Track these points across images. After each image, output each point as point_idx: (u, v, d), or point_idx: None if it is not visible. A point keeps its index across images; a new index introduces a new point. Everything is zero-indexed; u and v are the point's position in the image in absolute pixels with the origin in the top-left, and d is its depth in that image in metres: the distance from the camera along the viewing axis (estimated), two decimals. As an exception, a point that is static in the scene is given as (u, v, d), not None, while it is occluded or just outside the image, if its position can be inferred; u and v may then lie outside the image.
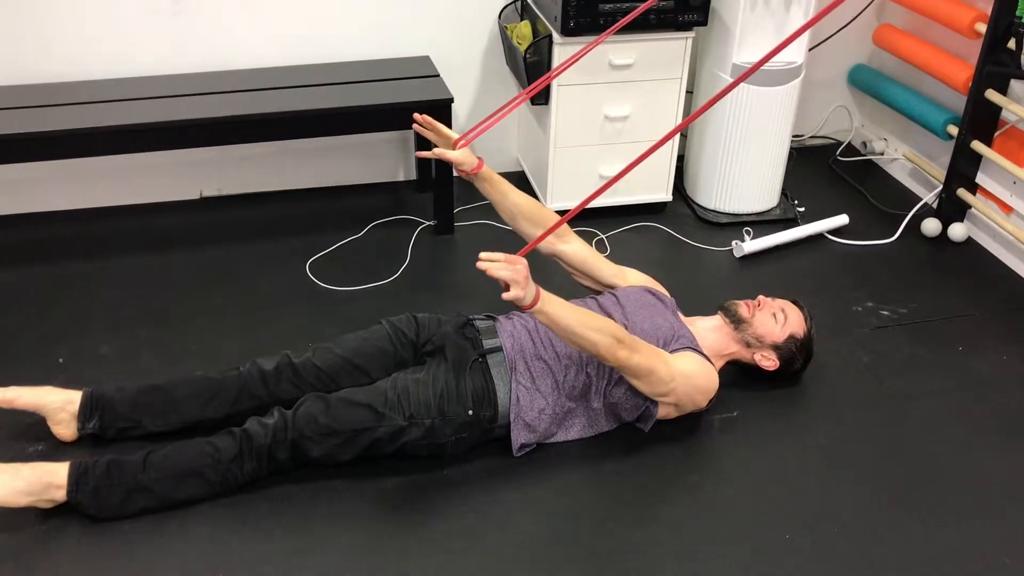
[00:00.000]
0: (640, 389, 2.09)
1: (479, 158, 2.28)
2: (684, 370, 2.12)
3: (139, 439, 2.14)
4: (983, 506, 2.09)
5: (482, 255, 1.81)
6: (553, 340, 2.16)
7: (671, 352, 2.15)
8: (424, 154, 2.27)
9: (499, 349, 2.16)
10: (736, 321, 2.32)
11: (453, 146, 2.25)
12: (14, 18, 2.83)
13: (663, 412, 2.19)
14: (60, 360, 2.45)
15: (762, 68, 2.94)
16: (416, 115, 2.27)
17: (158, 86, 2.90)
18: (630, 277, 2.43)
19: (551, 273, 2.49)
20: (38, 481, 1.91)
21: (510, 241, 3.04)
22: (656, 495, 2.09)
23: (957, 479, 2.17)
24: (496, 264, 1.79)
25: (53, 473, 1.93)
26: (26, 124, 2.64)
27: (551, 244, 2.38)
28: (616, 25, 2.20)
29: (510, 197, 2.34)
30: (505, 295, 1.80)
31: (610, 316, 2.21)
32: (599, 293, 2.41)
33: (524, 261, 1.83)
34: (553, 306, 1.90)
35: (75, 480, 1.93)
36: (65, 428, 2.13)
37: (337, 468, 2.09)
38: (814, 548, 1.98)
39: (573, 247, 2.40)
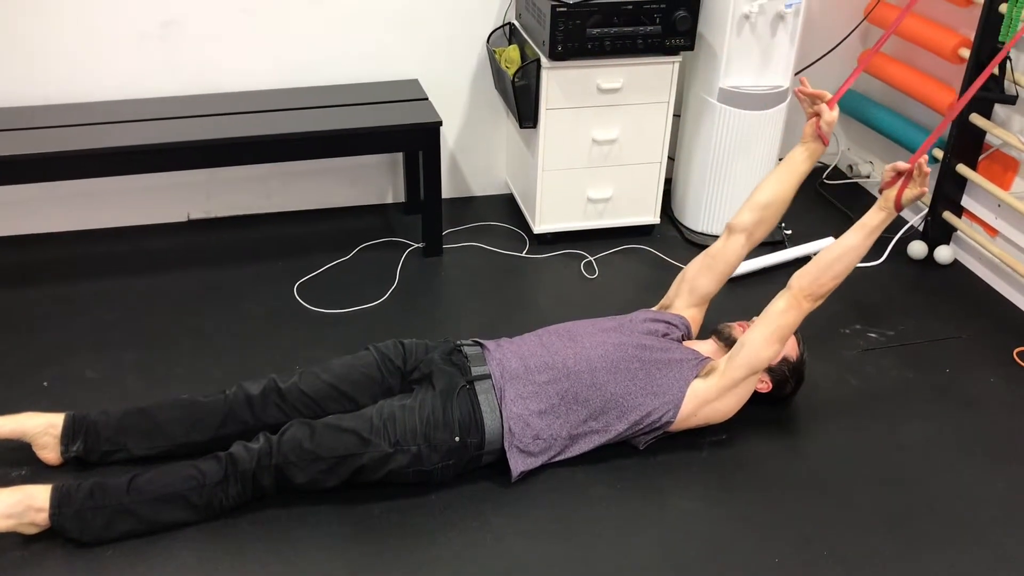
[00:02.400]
0: (755, 348, 2.16)
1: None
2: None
3: (124, 463, 2.12)
4: (972, 530, 2.09)
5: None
6: (549, 364, 2.16)
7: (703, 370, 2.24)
8: (808, 94, 2.30)
9: (487, 376, 2.15)
10: (730, 343, 2.32)
11: (830, 105, 2.29)
12: (1, 40, 2.82)
13: (688, 413, 2.19)
14: (45, 384, 2.43)
15: (748, 92, 2.98)
16: (803, 80, 2.32)
17: (146, 109, 2.90)
18: (699, 311, 2.47)
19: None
20: (18, 504, 1.89)
21: (499, 264, 3.04)
22: (646, 518, 2.08)
23: (946, 502, 2.16)
24: (924, 170, 2.06)
25: (33, 496, 1.91)
26: (13, 146, 2.63)
27: (746, 229, 2.38)
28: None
29: (797, 180, 2.37)
30: (911, 192, 2.11)
31: (608, 339, 2.21)
32: (605, 314, 2.41)
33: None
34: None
35: (57, 503, 1.91)
36: (50, 452, 2.11)
37: (323, 493, 2.07)
38: (804, 572, 1.97)
39: (742, 251, 2.42)
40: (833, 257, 2.15)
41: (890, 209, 2.13)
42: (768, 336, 2.15)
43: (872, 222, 2.14)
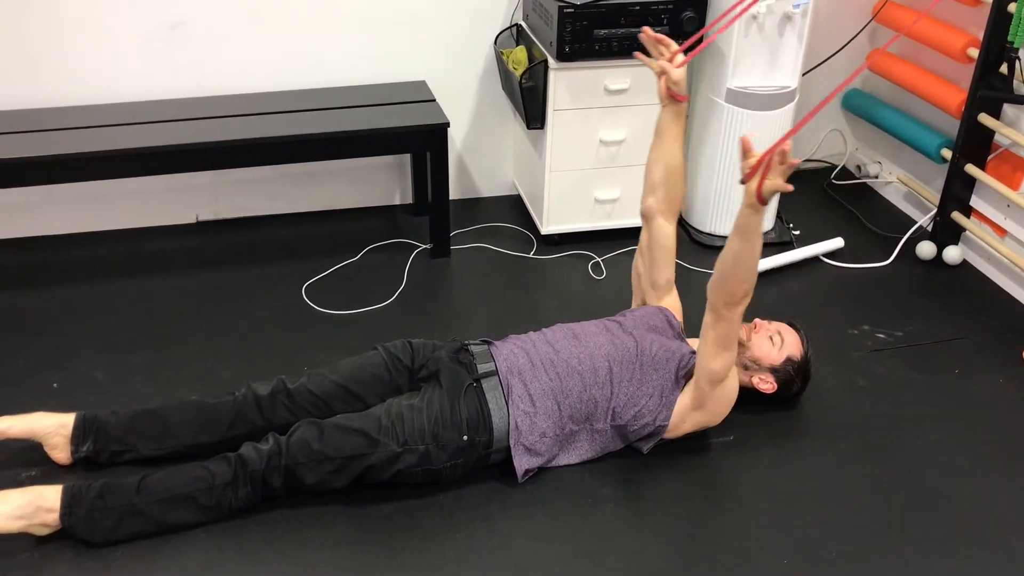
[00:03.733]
0: (705, 362, 2.09)
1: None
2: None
3: (133, 463, 2.13)
4: (980, 531, 2.08)
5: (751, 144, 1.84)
6: (554, 361, 2.16)
7: (691, 369, 2.20)
8: (646, 60, 2.21)
9: (494, 373, 2.15)
10: (734, 342, 2.31)
11: (671, 59, 2.19)
12: (7, 43, 2.84)
13: (678, 422, 2.19)
14: (54, 385, 2.44)
15: (756, 92, 2.97)
16: (646, 28, 2.21)
17: (154, 111, 2.91)
18: (672, 296, 2.43)
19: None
20: (28, 505, 1.90)
21: (507, 265, 3.05)
22: (652, 520, 2.08)
23: (954, 504, 2.16)
24: (783, 151, 1.78)
25: (43, 497, 1.92)
26: (20, 149, 2.64)
27: (659, 209, 2.33)
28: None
29: (674, 145, 2.29)
30: (772, 183, 1.82)
31: (611, 339, 2.21)
32: (613, 314, 2.40)
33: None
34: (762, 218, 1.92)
35: (68, 503, 1.92)
36: (61, 452, 2.12)
37: (332, 493, 2.08)
38: (812, 574, 1.96)
39: (670, 229, 2.36)
40: (728, 266, 1.99)
41: (754, 203, 1.88)
42: (711, 350, 2.08)
43: (742, 221, 1.93)
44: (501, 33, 3.18)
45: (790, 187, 1.82)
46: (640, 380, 2.16)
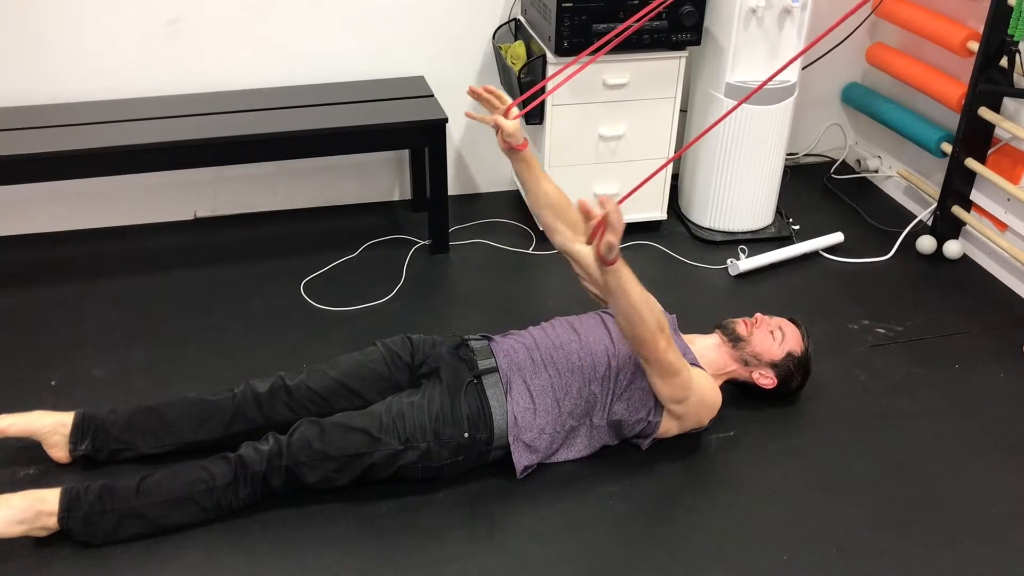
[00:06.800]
0: (659, 391, 2.09)
1: (525, 137, 2.24)
2: (698, 383, 2.14)
3: (132, 461, 2.12)
4: (983, 526, 2.08)
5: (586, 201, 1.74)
6: (555, 357, 2.15)
7: None
8: (478, 118, 2.21)
9: (494, 369, 2.14)
10: (734, 339, 2.31)
11: (506, 114, 2.18)
12: (7, 39, 2.83)
13: (664, 428, 2.18)
14: (52, 383, 2.43)
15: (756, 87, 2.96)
16: (472, 87, 2.20)
17: (152, 107, 2.90)
18: None
19: (551, 287, 2.48)
20: (29, 509, 1.90)
21: (507, 260, 3.04)
22: (653, 516, 2.08)
23: (956, 498, 2.15)
24: (613, 208, 1.71)
25: (44, 500, 1.91)
26: (19, 146, 2.63)
27: (570, 240, 2.28)
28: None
29: (543, 184, 2.30)
30: (605, 240, 1.74)
31: (610, 333, 2.20)
32: (606, 306, 2.40)
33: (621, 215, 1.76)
34: (627, 271, 1.87)
35: (66, 506, 1.91)
36: (60, 450, 2.11)
37: (332, 491, 2.07)
38: (812, 569, 1.96)
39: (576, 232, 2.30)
40: (623, 324, 1.95)
41: (601, 267, 1.82)
42: (657, 383, 2.07)
43: (604, 284, 1.88)
44: (499, 28, 3.17)
45: (614, 239, 1.74)
46: (636, 375, 2.15)
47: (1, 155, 2.59)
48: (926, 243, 3.12)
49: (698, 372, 2.17)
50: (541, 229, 2.32)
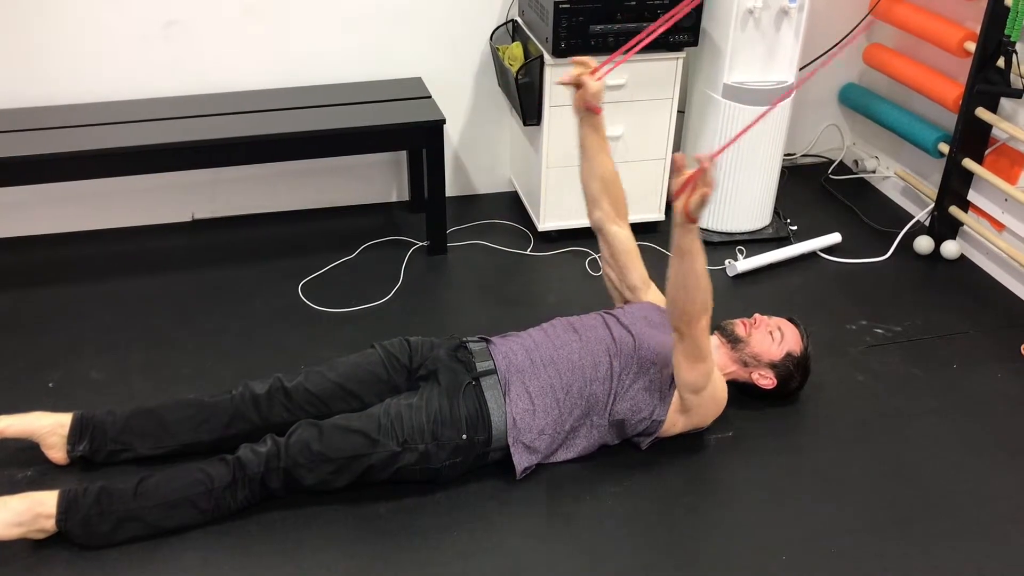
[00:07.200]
0: (681, 376, 2.08)
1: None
2: (716, 375, 2.16)
3: (130, 462, 2.12)
4: (982, 526, 2.08)
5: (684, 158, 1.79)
6: (555, 358, 2.15)
7: None
8: (567, 79, 2.20)
9: (492, 372, 2.14)
10: (733, 340, 2.31)
11: (593, 73, 2.19)
12: (3, 42, 2.82)
13: (670, 423, 2.18)
14: (50, 385, 2.43)
15: (753, 88, 2.97)
16: (560, 78, 2.21)
17: (149, 109, 2.89)
18: (652, 291, 2.42)
19: (550, 285, 2.47)
20: (27, 512, 1.89)
21: (504, 262, 3.04)
22: (652, 517, 2.08)
23: (955, 498, 2.16)
24: (709, 162, 1.77)
25: (41, 503, 1.91)
26: (16, 147, 2.63)
27: (609, 218, 2.34)
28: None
29: (603, 155, 2.30)
30: (699, 192, 1.79)
31: (611, 333, 2.20)
32: (610, 307, 2.40)
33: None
34: (699, 235, 1.90)
35: (64, 509, 1.91)
36: (58, 451, 2.11)
37: (330, 493, 2.07)
38: (812, 569, 1.96)
39: (626, 232, 2.38)
40: (677, 288, 1.96)
41: (683, 222, 1.87)
42: (683, 364, 2.07)
43: (678, 242, 1.91)
44: (497, 29, 3.17)
45: (709, 191, 1.80)
46: (639, 375, 2.15)
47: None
48: (924, 243, 3.13)
49: (715, 367, 2.18)
50: (584, 200, 2.36)
